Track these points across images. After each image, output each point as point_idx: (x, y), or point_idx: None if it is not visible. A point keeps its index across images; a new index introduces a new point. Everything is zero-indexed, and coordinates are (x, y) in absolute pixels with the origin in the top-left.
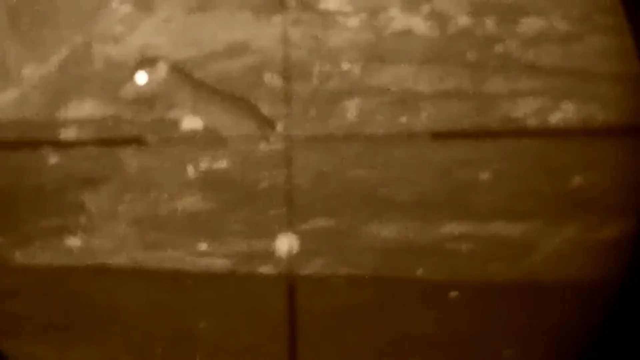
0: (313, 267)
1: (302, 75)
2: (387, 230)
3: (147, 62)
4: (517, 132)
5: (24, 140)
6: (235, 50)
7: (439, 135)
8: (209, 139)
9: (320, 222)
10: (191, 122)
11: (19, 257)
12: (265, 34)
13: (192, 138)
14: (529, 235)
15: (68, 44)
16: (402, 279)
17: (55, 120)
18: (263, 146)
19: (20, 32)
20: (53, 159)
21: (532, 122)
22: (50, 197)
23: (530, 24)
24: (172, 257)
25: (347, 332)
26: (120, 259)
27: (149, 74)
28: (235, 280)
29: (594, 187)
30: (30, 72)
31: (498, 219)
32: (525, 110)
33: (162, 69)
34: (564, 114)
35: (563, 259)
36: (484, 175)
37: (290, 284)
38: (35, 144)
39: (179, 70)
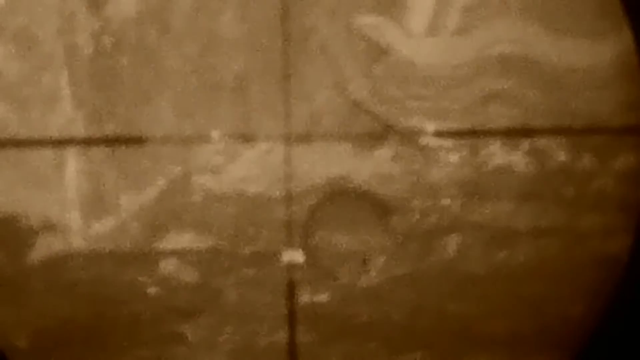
0: None
1: (402, 210)
2: None
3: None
4: (610, 268)
5: (121, 271)
6: (336, 184)
7: (534, 272)
8: (310, 272)
9: (416, 356)
10: (291, 255)
11: None
12: (365, 167)
13: (292, 270)
14: None
15: (167, 175)
16: None
17: (153, 251)
18: (363, 280)
19: (118, 161)
20: (151, 289)
21: (624, 258)
22: (148, 327)
23: (625, 160)
24: None
25: None
26: None
27: None
28: None
29: None
30: (128, 201)
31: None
32: (617, 246)
33: None
34: None
35: None
36: (574, 309)
37: None
38: (132, 275)
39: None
